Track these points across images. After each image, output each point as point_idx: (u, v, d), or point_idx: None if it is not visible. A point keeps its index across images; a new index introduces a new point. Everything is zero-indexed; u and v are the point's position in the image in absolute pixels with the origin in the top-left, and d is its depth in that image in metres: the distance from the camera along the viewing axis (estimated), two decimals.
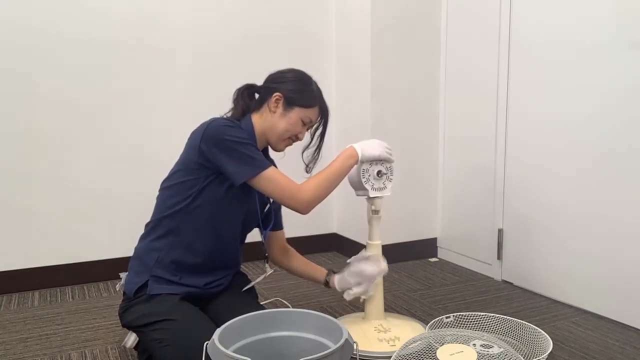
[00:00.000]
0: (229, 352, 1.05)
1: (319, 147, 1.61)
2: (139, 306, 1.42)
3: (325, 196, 1.47)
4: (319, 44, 2.68)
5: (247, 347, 1.21)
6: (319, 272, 1.71)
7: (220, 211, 1.45)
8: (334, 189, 1.49)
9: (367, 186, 1.59)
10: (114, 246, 2.30)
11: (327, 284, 1.68)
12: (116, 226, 2.31)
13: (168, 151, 2.39)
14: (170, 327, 1.34)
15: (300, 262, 1.75)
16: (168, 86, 2.37)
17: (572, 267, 1.98)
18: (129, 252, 1.53)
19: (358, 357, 1.16)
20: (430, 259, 2.66)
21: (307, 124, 1.54)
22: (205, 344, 1.11)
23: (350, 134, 2.63)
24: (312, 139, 1.61)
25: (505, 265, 2.29)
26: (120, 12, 2.24)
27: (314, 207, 1.44)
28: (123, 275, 1.54)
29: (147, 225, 1.53)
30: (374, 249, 1.65)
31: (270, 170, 1.40)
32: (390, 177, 1.63)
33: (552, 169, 2.03)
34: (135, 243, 1.55)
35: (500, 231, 2.30)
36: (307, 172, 1.62)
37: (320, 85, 1.57)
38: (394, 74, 2.50)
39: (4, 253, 2.15)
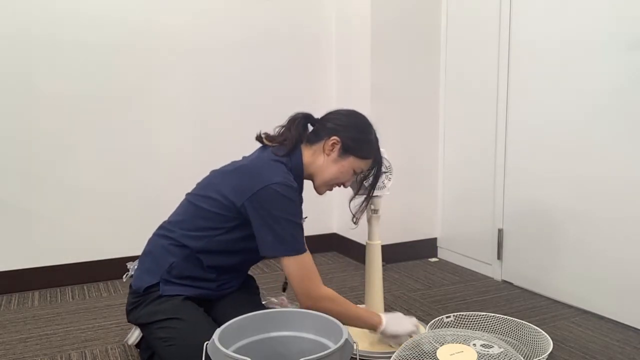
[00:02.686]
0: (229, 352, 1.05)
1: (367, 198, 1.58)
2: (148, 303, 1.40)
3: (326, 313, 1.31)
4: (319, 44, 2.67)
5: (247, 347, 1.20)
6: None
7: (251, 243, 1.39)
8: (334, 316, 1.33)
9: (367, 184, 1.59)
10: (114, 246, 2.30)
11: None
12: (116, 226, 2.31)
13: (168, 151, 2.41)
14: (177, 326, 1.33)
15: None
16: (168, 86, 2.37)
17: (571, 266, 1.98)
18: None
19: (358, 357, 1.16)
20: (430, 259, 2.66)
21: (357, 174, 1.51)
22: (205, 344, 1.11)
23: None
24: (358, 188, 1.57)
25: (505, 265, 2.29)
26: (119, 13, 2.24)
27: (307, 308, 1.33)
28: (131, 265, 1.50)
29: (166, 227, 1.47)
30: (374, 249, 1.65)
31: (306, 256, 1.34)
32: (390, 176, 1.63)
33: (552, 169, 2.03)
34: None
35: (500, 231, 2.30)
36: (353, 222, 1.58)
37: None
38: (394, 74, 2.50)
39: (4, 253, 2.15)
